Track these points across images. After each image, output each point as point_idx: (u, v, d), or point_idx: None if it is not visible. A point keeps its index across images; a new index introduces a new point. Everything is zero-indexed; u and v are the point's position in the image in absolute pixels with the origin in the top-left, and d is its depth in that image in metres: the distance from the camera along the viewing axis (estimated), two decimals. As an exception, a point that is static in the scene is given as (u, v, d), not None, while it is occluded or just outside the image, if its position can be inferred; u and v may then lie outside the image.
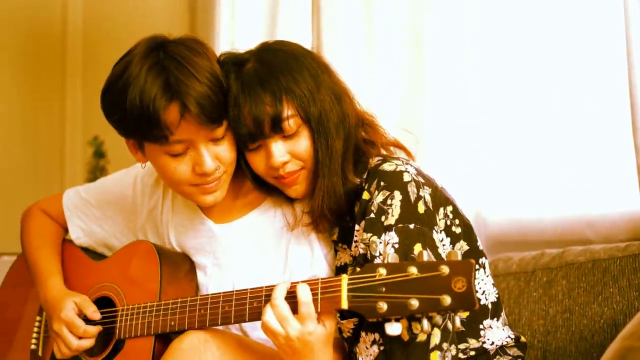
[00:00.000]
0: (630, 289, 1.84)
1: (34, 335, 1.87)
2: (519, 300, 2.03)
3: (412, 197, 1.52)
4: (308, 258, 1.70)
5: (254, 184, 1.70)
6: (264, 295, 1.49)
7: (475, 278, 1.36)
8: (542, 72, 2.34)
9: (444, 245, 1.57)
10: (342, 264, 1.67)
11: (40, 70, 3.86)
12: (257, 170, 1.65)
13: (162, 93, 1.52)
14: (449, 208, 1.62)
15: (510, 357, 1.64)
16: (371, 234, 1.51)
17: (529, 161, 2.39)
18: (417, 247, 1.48)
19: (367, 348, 1.49)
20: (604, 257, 1.92)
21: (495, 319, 1.65)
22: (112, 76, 1.60)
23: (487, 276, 1.67)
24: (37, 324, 1.88)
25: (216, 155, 1.60)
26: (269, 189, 1.70)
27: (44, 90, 3.85)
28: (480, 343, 1.62)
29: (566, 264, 1.99)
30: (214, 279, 1.74)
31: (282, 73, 1.58)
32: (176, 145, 1.57)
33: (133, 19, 3.74)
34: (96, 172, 3.45)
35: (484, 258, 1.68)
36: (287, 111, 1.57)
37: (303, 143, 1.60)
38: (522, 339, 1.68)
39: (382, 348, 1.46)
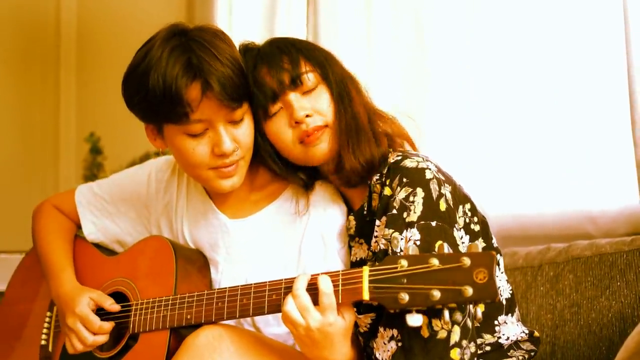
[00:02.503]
0: (637, 282, 1.86)
1: (44, 330, 1.86)
2: (527, 295, 2.04)
3: (434, 195, 1.53)
4: (321, 253, 1.70)
5: (275, 168, 1.70)
6: (283, 288, 1.49)
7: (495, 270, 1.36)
8: (543, 69, 2.36)
9: (463, 243, 1.57)
10: (358, 259, 1.68)
11: (34, 66, 3.82)
12: (280, 139, 1.65)
13: (184, 72, 1.54)
14: (467, 206, 1.62)
15: (523, 351, 1.64)
16: (393, 230, 1.52)
17: (529, 157, 2.40)
18: (439, 245, 1.48)
19: (384, 344, 1.49)
20: (610, 252, 1.94)
21: (510, 314, 1.66)
22: (134, 62, 1.61)
23: (502, 272, 1.68)
24: (47, 319, 1.87)
25: (234, 137, 1.61)
26: (289, 173, 1.70)
27: (38, 87, 3.82)
28: (496, 338, 1.62)
29: (572, 259, 2.00)
30: (227, 275, 1.74)
31: (299, 43, 1.69)
32: (196, 125, 1.58)
33: (128, 15, 3.72)
34: (93, 169, 3.42)
35: (499, 255, 1.69)
36: (305, 67, 1.64)
37: (324, 99, 1.64)
38: (536, 333, 1.69)
39: (400, 344, 1.46)
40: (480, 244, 1.63)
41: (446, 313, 1.35)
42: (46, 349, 1.84)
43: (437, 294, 1.34)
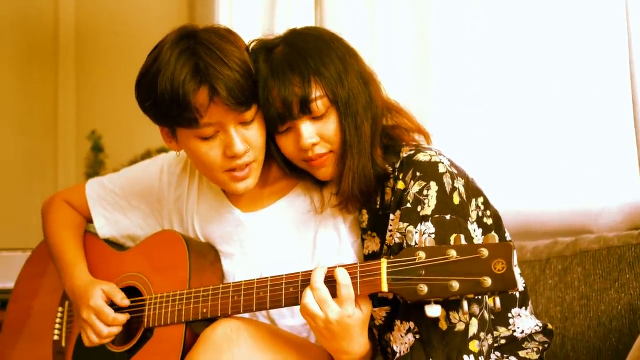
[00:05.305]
0: (646, 275, 1.87)
1: (57, 325, 1.86)
2: (535, 288, 2.05)
3: (448, 188, 1.54)
4: (335, 246, 1.71)
5: (284, 168, 1.70)
6: (300, 281, 1.50)
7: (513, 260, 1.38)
8: (547, 64, 2.36)
9: (476, 236, 1.58)
10: (370, 252, 1.68)
11: (33, 64, 3.81)
12: (286, 154, 1.66)
13: (191, 77, 1.54)
14: (480, 199, 1.63)
15: (537, 343, 1.66)
16: (407, 224, 1.52)
17: (531, 154, 2.41)
18: (454, 237, 1.49)
19: (402, 336, 1.50)
20: (618, 245, 1.95)
21: (524, 307, 1.67)
22: (145, 65, 1.61)
23: (515, 265, 1.69)
24: (59, 314, 1.87)
25: (245, 138, 1.62)
26: (299, 173, 1.71)
27: (37, 86, 3.81)
28: (511, 331, 1.63)
29: (580, 252, 2.01)
30: (241, 267, 1.74)
31: (311, 56, 1.60)
32: (206, 128, 1.59)
33: (127, 11, 3.72)
34: (95, 166, 3.42)
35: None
36: (316, 92, 1.59)
37: (331, 125, 1.61)
38: (549, 326, 1.70)
39: (417, 336, 1.47)
40: None
41: (465, 304, 1.37)
42: (59, 344, 1.84)
43: (456, 285, 1.35)
